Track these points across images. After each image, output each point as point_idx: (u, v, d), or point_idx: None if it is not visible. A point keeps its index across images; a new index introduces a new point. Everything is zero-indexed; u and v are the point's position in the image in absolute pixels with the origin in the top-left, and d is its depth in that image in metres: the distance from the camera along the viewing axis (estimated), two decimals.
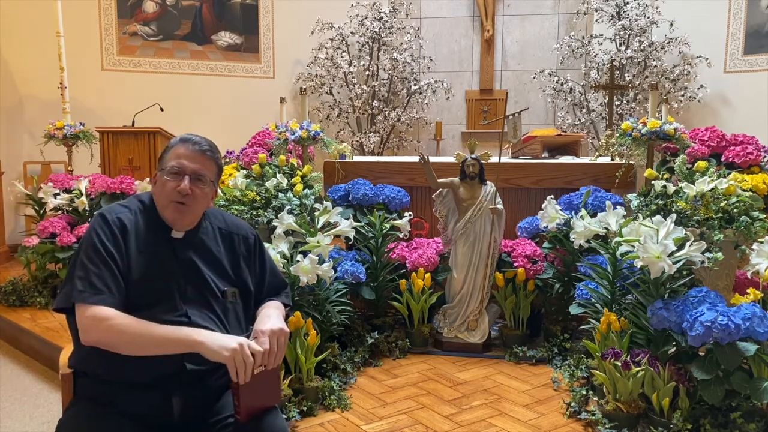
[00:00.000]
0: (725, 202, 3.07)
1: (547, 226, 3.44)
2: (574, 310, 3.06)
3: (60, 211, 4.39)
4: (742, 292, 2.65)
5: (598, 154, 4.48)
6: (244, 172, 3.90)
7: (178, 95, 6.55)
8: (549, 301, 3.56)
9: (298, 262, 2.87)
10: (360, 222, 3.52)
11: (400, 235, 3.61)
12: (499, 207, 3.38)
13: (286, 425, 1.69)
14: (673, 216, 2.62)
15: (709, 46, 6.55)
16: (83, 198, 4.22)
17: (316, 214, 3.23)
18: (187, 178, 1.67)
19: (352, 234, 3.27)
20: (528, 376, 3.12)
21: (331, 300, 3.07)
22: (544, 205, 3.47)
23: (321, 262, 2.96)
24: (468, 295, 3.44)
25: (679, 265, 2.51)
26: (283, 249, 2.94)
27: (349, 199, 3.71)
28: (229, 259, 1.78)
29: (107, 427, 1.57)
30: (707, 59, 6.49)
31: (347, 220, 3.27)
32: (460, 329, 3.46)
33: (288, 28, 7.16)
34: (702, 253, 2.54)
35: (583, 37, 6.92)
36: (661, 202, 3.29)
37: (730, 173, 3.30)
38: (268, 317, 1.70)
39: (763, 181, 3.29)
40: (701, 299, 2.45)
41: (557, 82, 6.93)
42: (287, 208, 3.38)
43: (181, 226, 1.71)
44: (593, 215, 3.20)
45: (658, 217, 2.61)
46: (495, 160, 3.44)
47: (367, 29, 6.98)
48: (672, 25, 6.56)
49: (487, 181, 3.41)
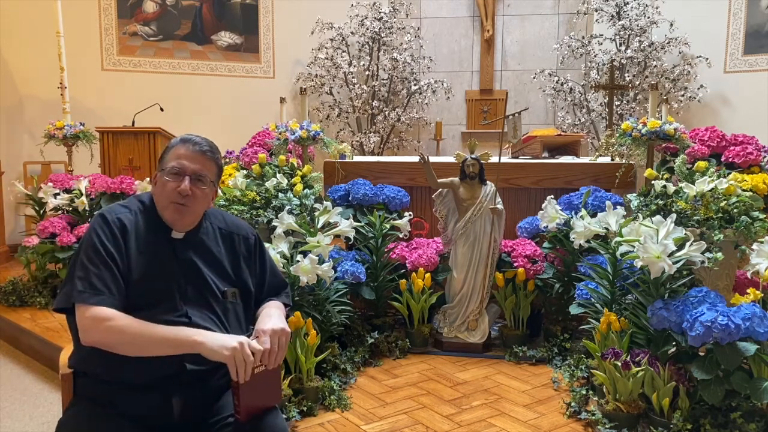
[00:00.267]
0: (725, 202, 3.07)
1: (547, 226, 3.44)
2: (574, 310, 3.06)
3: (60, 211, 4.39)
4: (742, 292, 2.65)
5: (598, 154, 4.48)
6: (244, 172, 3.90)
7: (178, 95, 6.55)
8: (549, 301, 3.56)
9: (298, 262, 2.87)
10: (360, 222, 3.52)
11: (400, 235, 3.61)
12: (499, 207, 3.38)
13: (286, 425, 1.69)
14: (673, 216, 2.62)
15: (709, 46, 6.55)
16: (83, 198, 4.22)
17: (316, 214, 3.23)
18: (187, 179, 1.67)
19: (352, 234, 3.27)
20: (528, 376, 3.12)
21: (331, 300, 3.08)
22: (544, 205, 3.47)
23: (321, 262, 2.96)
24: (468, 295, 3.44)
25: (679, 265, 2.51)
26: (283, 249, 2.94)
27: (349, 199, 3.71)
28: (229, 260, 1.78)
29: (107, 428, 1.57)
30: (707, 59, 6.49)
31: (347, 220, 3.27)
32: (460, 329, 3.46)
33: (288, 28, 7.15)
34: (702, 253, 2.54)
35: (583, 37, 6.92)
36: (661, 202, 3.29)
37: (730, 173, 3.30)
38: (269, 317, 1.71)
39: (763, 181, 3.29)
40: (701, 299, 2.45)
41: (557, 82, 6.93)
42: (287, 208, 3.38)
43: (182, 227, 1.71)
44: (593, 215, 3.20)
45: (658, 217, 2.61)
46: (495, 160, 3.44)
47: (367, 29, 6.98)
48: (672, 25, 6.56)
49: (487, 181, 3.41)
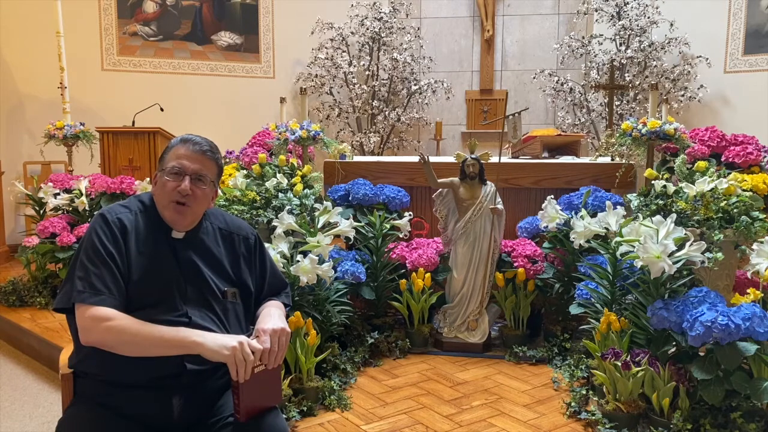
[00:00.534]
0: (725, 202, 3.07)
1: (547, 226, 3.44)
2: (574, 310, 3.06)
3: (60, 211, 4.39)
4: (742, 292, 2.65)
5: (598, 154, 4.48)
6: (244, 172, 3.90)
7: (178, 95, 6.55)
8: (549, 301, 3.56)
9: (298, 262, 2.87)
10: (360, 222, 3.52)
11: (400, 235, 3.61)
12: (499, 207, 3.38)
13: (286, 425, 1.69)
14: (673, 216, 2.62)
15: (709, 46, 6.55)
16: (83, 198, 4.22)
17: (316, 214, 3.23)
18: (187, 179, 1.67)
19: (352, 234, 3.27)
20: (528, 376, 3.12)
21: (331, 300, 3.08)
22: (544, 205, 3.47)
23: (321, 262, 2.96)
24: (468, 295, 3.44)
25: (679, 265, 2.51)
26: (283, 249, 2.94)
27: (349, 199, 3.71)
28: (229, 260, 1.78)
29: (107, 428, 1.57)
30: (707, 59, 6.49)
31: (347, 220, 3.27)
32: (460, 329, 3.46)
33: (288, 28, 7.15)
34: (702, 253, 2.54)
35: (583, 37, 6.92)
36: (661, 202, 3.29)
37: (730, 173, 3.30)
38: (269, 316, 1.71)
39: (763, 181, 3.29)
40: (701, 299, 2.45)
41: (557, 82, 6.93)
42: (287, 208, 3.38)
43: (182, 227, 1.71)
44: (593, 215, 3.20)
45: (658, 217, 2.61)
46: (495, 160, 3.44)
47: (367, 29, 6.98)
48: (672, 25, 6.56)
49: (487, 181, 3.41)
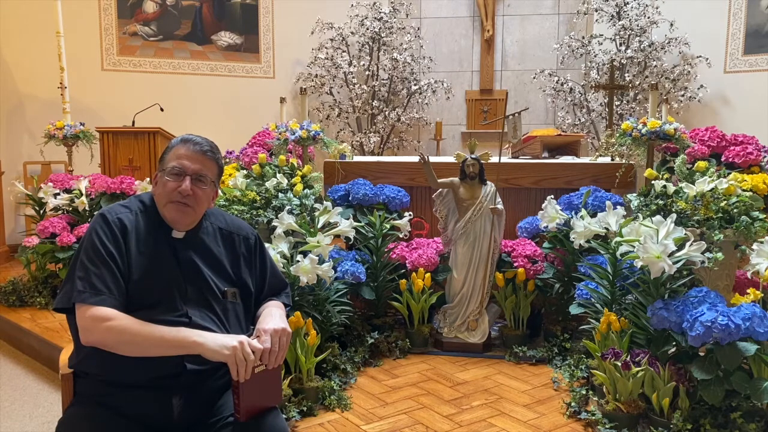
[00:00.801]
0: (725, 202, 3.07)
1: (547, 226, 3.44)
2: (574, 310, 3.06)
3: (60, 211, 4.39)
4: (742, 292, 2.65)
5: (598, 154, 4.48)
6: (244, 172, 3.90)
7: (178, 95, 6.55)
8: (549, 301, 3.56)
9: (298, 262, 2.87)
10: (360, 222, 3.52)
11: (400, 235, 3.61)
12: (499, 207, 3.38)
13: (286, 425, 1.69)
14: (673, 216, 2.62)
15: (709, 46, 6.55)
16: (83, 198, 4.22)
17: (316, 214, 3.23)
18: (188, 179, 1.67)
19: (352, 234, 3.27)
20: (528, 376, 3.12)
21: (331, 300, 3.08)
22: (544, 205, 3.47)
23: (321, 262, 2.96)
24: (468, 295, 3.44)
25: (679, 265, 2.51)
26: (283, 249, 2.94)
27: (349, 199, 3.71)
28: (229, 260, 1.78)
29: (107, 428, 1.57)
30: (707, 59, 6.49)
31: (347, 220, 3.27)
32: (460, 329, 3.46)
33: (288, 28, 7.15)
34: (702, 253, 2.54)
35: (583, 37, 6.92)
36: (661, 202, 3.29)
37: (730, 173, 3.30)
38: (270, 316, 1.71)
39: (763, 181, 3.29)
40: (701, 299, 2.45)
41: (557, 82, 6.93)
42: (287, 208, 3.38)
43: (182, 226, 1.71)
44: (593, 215, 3.20)
45: (658, 217, 2.61)
46: (495, 160, 3.45)
47: (367, 29, 6.98)
48: (672, 25, 6.56)
49: (487, 181, 3.41)
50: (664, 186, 3.32)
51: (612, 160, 4.15)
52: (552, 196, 3.49)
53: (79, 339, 1.57)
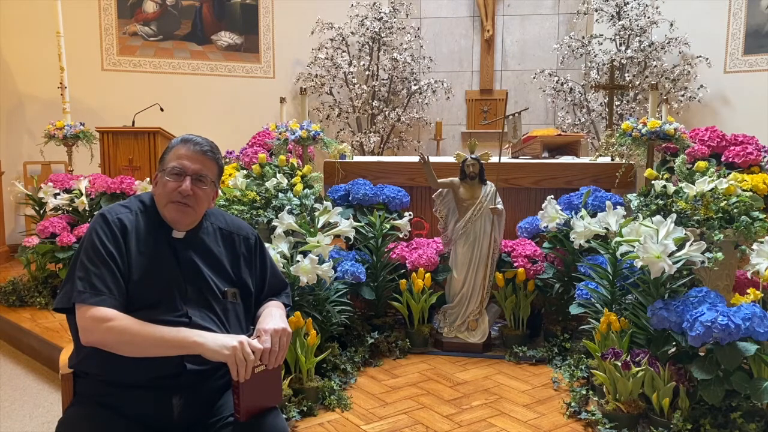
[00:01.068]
0: (725, 202, 3.07)
1: (547, 226, 3.44)
2: (574, 310, 3.06)
3: (60, 211, 4.38)
4: (742, 292, 2.65)
5: (598, 154, 4.48)
6: (244, 172, 3.90)
7: (178, 95, 6.55)
8: (549, 301, 3.56)
9: (298, 262, 2.87)
10: (360, 222, 3.52)
11: (400, 235, 3.61)
12: (499, 207, 3.38)
13: (287, 425, 1.69)
14: (673, 216, 2.62)
15: (709, 46, 6.55)
16: (83, 198, 4.22)
17: (316, 214, 3.23)
18: (188, 179, 1.67)
19: (352, 234, 3.27)
20: (528, 376, 3.12)
21: (331, 300, 3.08)
22: (544, 205, 3.47)
23: (321, 262, 2.96)
24: (468, 295, 3.44)
25: (679, 265, 2.51)
26: (283, 249, 2.94)
27: (349, 199, 3.71)
28: (229, 260, 1.78)
29: (107, 428, 1.57)
30: (707, 59, 6.49)
31: (347, 220, 3.27)
32: (460, 329, 3.46)
33: (288, 28, 7.15)
34: (702, 253, 2.54)
35: (583, 37, 6.92)
36: (661, 202, 3.29)
37: (730, 173, 3.30)
38: (270, 316, 1.71)
39: (763, 181, 3.29)
40: (701, 299, 2.45)
41: (557, 82, 6.93)
42: (287, 208, 3.38)
43: (182, 226, 1.71)
44: (593, 215, 3.20)
45: (658, 217, 2.61)
46: (495, 160, 3.45)
47: (367, 29, 6.98)
48: (672, 25, 6.56)
49: (487, 181, 3.41)
50: (664, 186, 3.32)
51: (612, 160, 4.15)
52: (552, 196, 3.49)
53: (79, 339, 1.57)
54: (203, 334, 1.55)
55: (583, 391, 2.75)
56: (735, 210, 3.04)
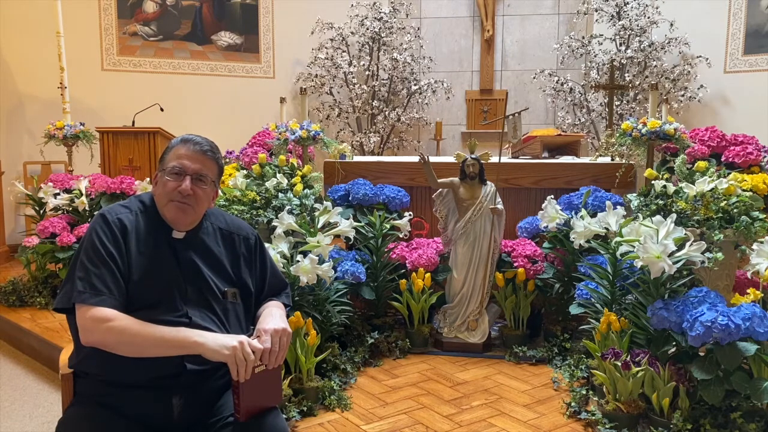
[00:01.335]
0: (725, 202, 3.07)
1: (547, 226, 3.44)
2: (574, 310, 3.06)
3: (60, 211, 4.38)
4: (742, 292, 2.65)
5: (598, 154, 4.48)
6: (244, 172, 3.90)
7: (178, 95, 6.55)
8: (549, 301, 3.56)
9: (298, 262, 2.87)
10: (360, 222, 3.52)
11: (400, 235, 3.61)
12: (499, 207, 3.38)
13: (287, 425, 1.69)
14: (673, 216, 2.62)
15: (709, 46, 6.55)
16: (83, 198, 4.22)
17: (316, 214, 3.23)
18: (188, 179, 1.67)
19: (352, 234, 3.27)
20: (528, 376, 3.12)
21: (331, 300, 3.08)
22: (544, 205, 3.47)
23: (321, 262, 2.96)
24: (468, 295, 3.44)
25: (679, 265, 2.51)
26: (283, 249, 2.94)
27: (349, 199, 3.71)
28: (229, 260, 1.78)
29: (107, 428, 1.57)
30: (707, 59, 6.49)
31: (347, 220, 3.27)
32: (460, 329, 3.46)
33: (288, 28, 7.15)
34: (702, 253, 2.54)
35: (583, 37, 6.92)
36: (661, 202, 3.29)
37: (730, 173, 3.30)
38: (271, 316, 1.71)
39: (763, 181, 3.29)
40: (701, 299, 2.45)
41: (557, 82, 6.93)
42: (287, 208, 3.38)
43: (182, 226, 1.71)
44: (593, 215, 3.20)
45: (658, 217, 2.61)
46: (495, 160, 3.45)
47: (367, 29, 6.98)
48: (672, 25, 6.56)
49: (487, 181, 3.41)
50: (664, 186, 3.32)
51: (612, 160, 4.15)
52: (552, 196, 3.49)
53: (79, 339, 1.57)
54: (203, 334, 1.55)
55: (583, 391, 2.75)
56: (735, 210, 3.04)
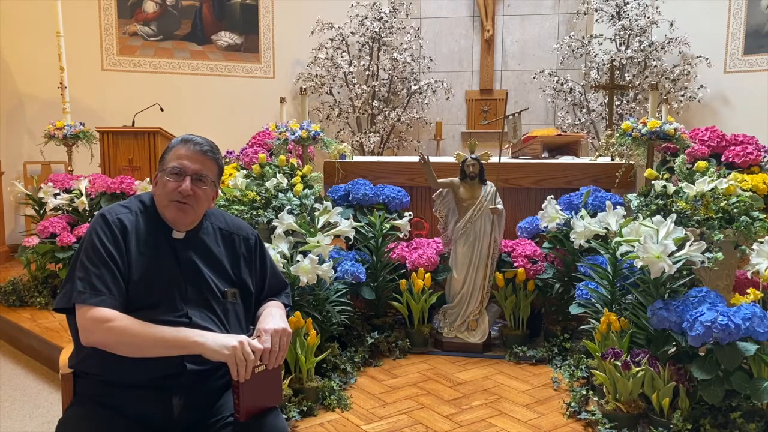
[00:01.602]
0: (725, 202, 3.07)
1: (547, 226, 3.44)
2: (574, 310, 3.06)
3: (60, 211, 4.38)
4: (742, 292, 2.65)
5: (598, 154, 4.48)
6: (244, 172, 3.90)
7: (178, 95, 6.55)
8: (549, 301, 3.56)
9: (298, 262, 2.87)
10: (360, 222, 3.52)
11: (400, 235, 3.61)
12: (499, 207, 3.38)
13: (287, 425, 1.69)
14: (673, 216, 2.62)
15: (709, 46, 6.55)
16: (83, 198, 4.22)
17: (316, 214, 3.23)
18: (188, 179, 1.67)
19: (352, 234, 3.27)
20: (528, 376, 3.12)
21: (331, 300, 3.08)
22: (544, 205, 3.47)
23: (321, 262, 2.96)
24: (468, 295, 3.44)
25: (679, 265, 2.51)
26: (283, 249, 2.94)
27: (349, 199, 3.71)
28: (229, 260, 1.78)
29: (107, 428, 1.57)
30: (707, 59, 6.50)
31: (347, 220, 3.27)
32: (460, 329, 3.46)
33: (288, 28, 7.16)
34: (702, 253, 2.54)
35: (583, 37, 6.92)
36: (661, 202, 3.29)
37: (730, 173, 3.30)
38: (271, 316, 1.71)
39: (763, 181, 3.29)
40: (701, 299, 2.45)
41: (557, 82, 6.93)
42: (287, 208, 3.38)
43: (183, 226, 1.71)
44: (593, 215, 3.20)
45: (658, 217, 2.61)
46: (495, 160, 3.45)
47: (367, 29, 6.98)
48: (672, 25, 6.56)
49: (487, 181, 3.41)
50: (664, 186, 3.32)
51: (612, 160, 4.15)
52: (552, 196, 3.49)
53: (79, 339, 1.57)
54: (203, 334, 1.55)
55: (583, 391, 2.75)
56: (735, 210, 3.04)
